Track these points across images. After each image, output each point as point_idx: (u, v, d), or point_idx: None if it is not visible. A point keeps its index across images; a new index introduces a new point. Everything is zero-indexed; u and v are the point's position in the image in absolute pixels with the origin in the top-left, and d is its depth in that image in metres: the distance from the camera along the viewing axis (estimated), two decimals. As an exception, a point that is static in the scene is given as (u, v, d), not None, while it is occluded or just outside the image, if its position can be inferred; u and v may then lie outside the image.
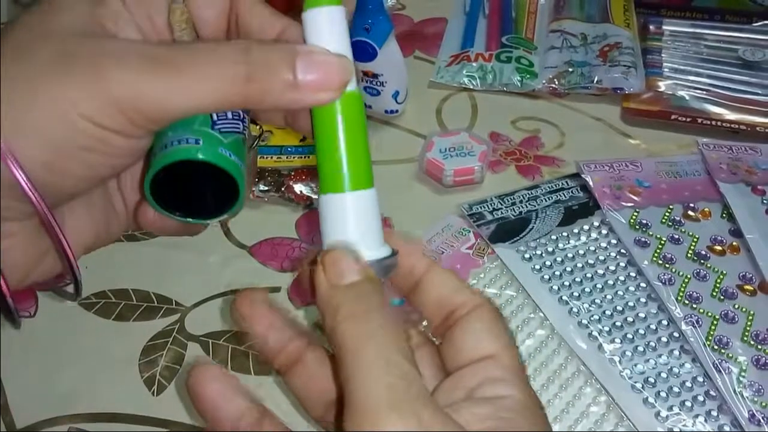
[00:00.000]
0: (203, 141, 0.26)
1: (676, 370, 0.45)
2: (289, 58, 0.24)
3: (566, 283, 0.50)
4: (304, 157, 0.62)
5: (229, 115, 0.28)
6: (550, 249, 0.53)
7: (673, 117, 0.65)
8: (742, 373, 0.44)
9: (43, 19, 0.25)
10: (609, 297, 0.49)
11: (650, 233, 0.53)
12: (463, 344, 0.26)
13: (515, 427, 0.23)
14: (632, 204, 0.55)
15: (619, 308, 0.49)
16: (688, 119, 0.64)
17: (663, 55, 0.71)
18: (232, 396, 0.26)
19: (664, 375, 0.45)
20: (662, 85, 0.67)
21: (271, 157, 0.62)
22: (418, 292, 0.27)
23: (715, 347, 0.45)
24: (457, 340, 0.26)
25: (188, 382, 0.26)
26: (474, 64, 0.71)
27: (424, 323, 0.29)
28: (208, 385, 0.25)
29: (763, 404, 0.43)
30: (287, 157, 0.62)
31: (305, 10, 0.26)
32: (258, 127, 0.28)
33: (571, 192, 0.57)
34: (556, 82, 0.69)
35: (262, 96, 0.24)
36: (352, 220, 0.25)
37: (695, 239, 0.52)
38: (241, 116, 0.29)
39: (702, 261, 0.51)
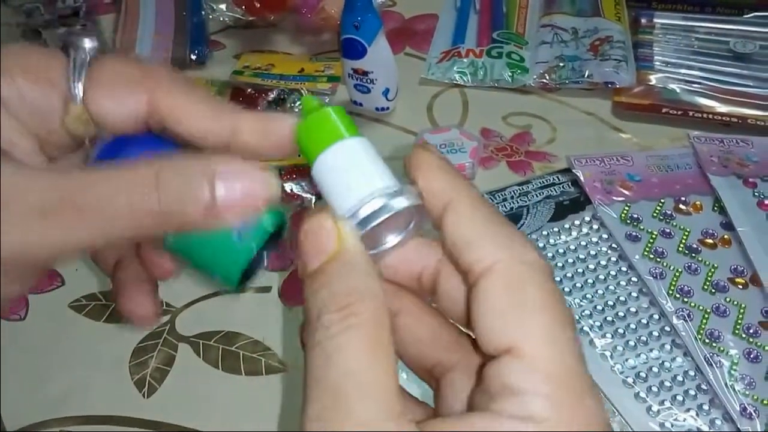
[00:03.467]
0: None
1: (667, 364, 0.45)
2: (206, 179, 0.21)
3: (557, 279, 0.50)
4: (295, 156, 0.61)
5: None
6: (541, 245, 0.52)
7: (664, 110, 0.64)
8: (734, 367, 0.44)
9: None
10: (600, 292, 0.49)
11: (641, 227, 0.53)
12: (475, 326, 0.20)
13: None
14: (623, 198, 0.55)
15: (611, 303, 0.48)
16: (680, 112, 0.64)
17: (654, 48, 0.71)
18: None
19: (655, 369, 0.45)
20: (653, 79, 0.67)
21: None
22: (441, 235, 0.22)
23: (707, 341, 0.45)
24: (471, 318, 0.20)
25: None
26: (465, 60, 0.71)
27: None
28: None
29: (755, 397, 0.42)
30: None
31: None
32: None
33: (562, 187, 0.57)
34: (547, 77, 0.69)
35: (179, 224, 0.22)
36: (329, 181, 0.22)
37: (686, 233, 0.52)
38: None
39: (693, 254, 0.51)
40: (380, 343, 0.19)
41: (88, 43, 0.24)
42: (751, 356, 0.45)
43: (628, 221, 0.53)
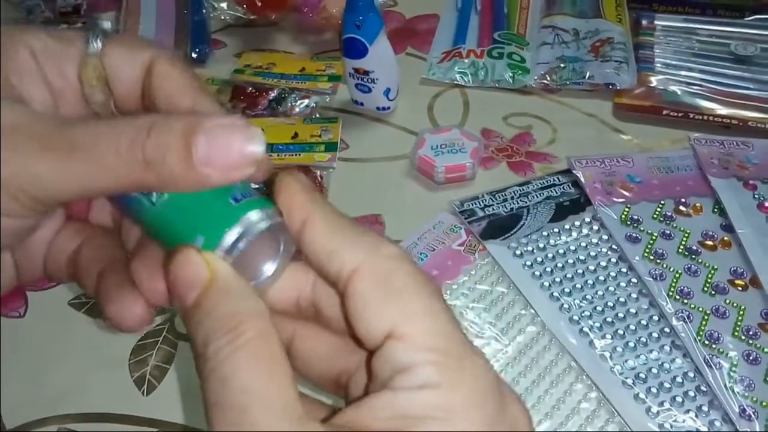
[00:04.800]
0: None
1: (666, 365, 0.45)
2: (188, 134, 0.21)
3: (557, 280, 0.50)
4: (294, 155, 0.62)
5: None
6: (541, 245, 0.52)
7: (664, 112, 0.64)
8: (733, 368, 0.44)
9: None
10: (600, 293, 0.49)
11: (641, 229, 0.53)
12: (355, 327, 0.21)
13: None
14: (623, 199, 0.55)
15: (610, 304, 0.48)
16: (680, 114, 0.64)
17: (655, 50, 0.71)
18: None
19: (654, 371, 0.45)
20: (654, 81, 0.67)
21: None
22: (305, 256, 0.23)
23: (706, 342, 0.45)
24: (350, 323, 0.21)
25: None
26: (466, 60, 0.71)
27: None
28: None
29: (754, 399, 0.43)
30: (277, 155, 0.62)
31: None
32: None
33: (563, 188, 0.57)
34: (548, 78, 0.69)
35: (161, 182, 0.22)
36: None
37: (686, 234, 0.52)
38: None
39: (693, 256, 0.51)
40: (272, 356, 0.20)
41: (106, 23, 0.26)
42: (751, 358, 0.45)
43: (628, 222, 0.53)
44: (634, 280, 0.50)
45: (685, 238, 0.52)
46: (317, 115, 0.67)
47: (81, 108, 0.27)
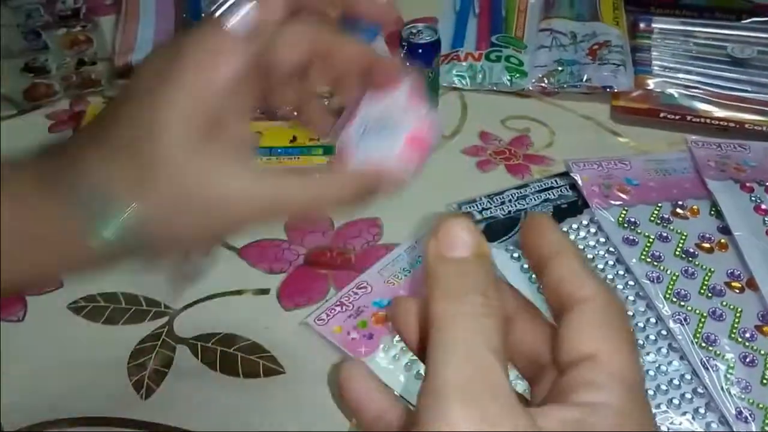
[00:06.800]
0: None
1: (664, 368, 0.45)
2: None
3: (555, 282, 0.50)
4: (294, 158, 0.62)
5: None
6: (538, 248, 0.52)
7: (662, 115, 0.65)
8: (730, 371, 0.44)
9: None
10: (597, 295, 0.49)
11: (639, 231, 0.53)
12: (563, 339, 0.24)
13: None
14: (621, 202, 0.55)
15: (608, 307, 0.48)
16: (677, 117, 0.64)
17: (652, 52, 0.71)
18: (374, 396, 0.26)
19: (652, 373, 0.45)
20: (651, 83, 0.67)
21: (261, 159, 0.62)
22: (545, 274, 0.25)
23: (703, 344, 0.46)
24: (560, 333, 0.24)
25: (338, 377, 0.27)
26: (464, 63, 0.71)
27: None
28: (353, 383, 0.26)
29: (751, 401, 0.43)
30: (277, 158, 0.62)
31: None
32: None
33: (560, 191, 0.57)
34: (546, 81, 0.69)
35: None
36: None
37: (683, 237, 0.52)
38: None
39: (690, 258, 0.51)
40: (505, 340, 0.22)
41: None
42: (747, 360, 0.45)
43: (626, 225, 0.53)
44: (631, 282, 0.50)
45: (682, 241, 0.52)
46: (315, 119, 0.67)
47: None
